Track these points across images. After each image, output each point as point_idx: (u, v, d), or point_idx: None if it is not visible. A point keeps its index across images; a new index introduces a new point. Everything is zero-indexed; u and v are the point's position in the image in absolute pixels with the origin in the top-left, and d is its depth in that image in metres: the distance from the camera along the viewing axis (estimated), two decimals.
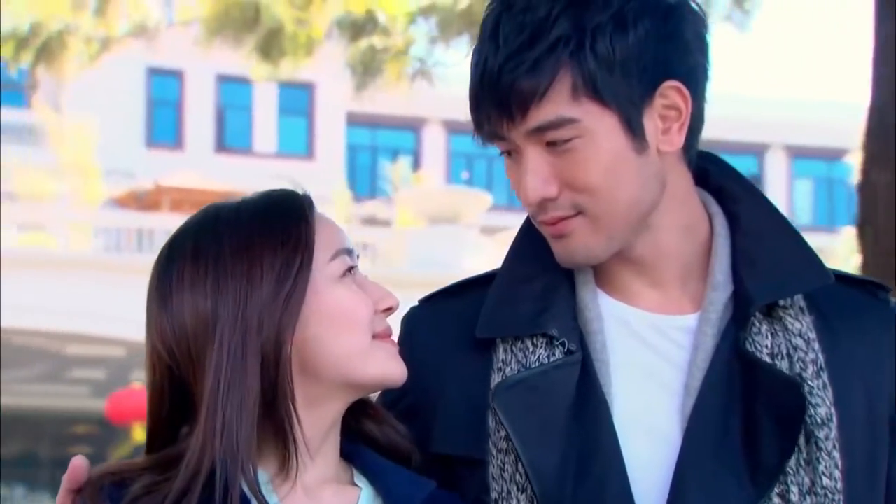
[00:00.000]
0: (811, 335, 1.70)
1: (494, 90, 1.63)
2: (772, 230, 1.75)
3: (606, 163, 1.64)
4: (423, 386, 1.75)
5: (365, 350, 1.66)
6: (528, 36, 1.62)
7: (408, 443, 1.74)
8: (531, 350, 1.70)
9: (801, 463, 1.67)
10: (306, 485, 1.66)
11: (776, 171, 33.40)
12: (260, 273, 1.62)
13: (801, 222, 30.42)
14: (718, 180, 1.79)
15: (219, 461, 1.58)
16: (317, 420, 1.66)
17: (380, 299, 1.69)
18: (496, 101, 1.64)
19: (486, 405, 1.70)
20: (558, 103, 1.62)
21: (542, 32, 1.61)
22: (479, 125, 1.68)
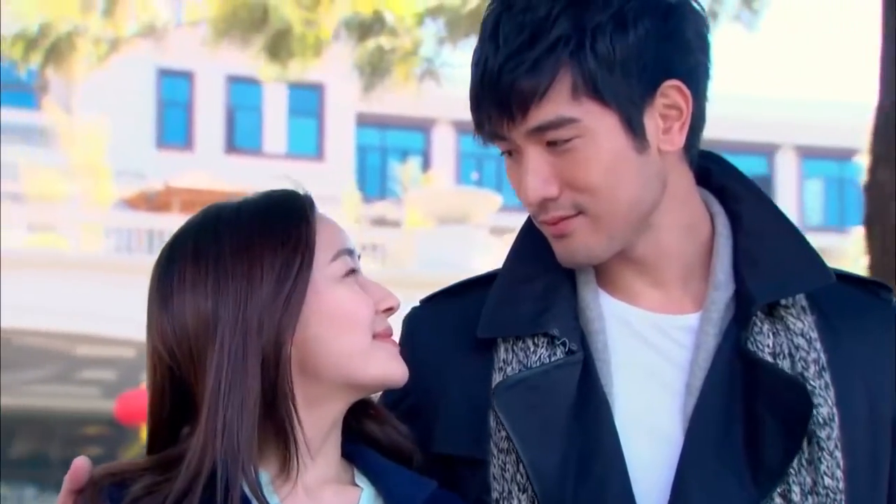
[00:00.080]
0: (813, 335, 1.70)
1: (494, 90, 1.63)
2: (774, 230, 1.75)
3: (607, 162, 1.64)
4: (425, 386, 1.75)
5: (366, 350, 1.66)
6: (528, 36, 1.62)
7: (409, 443, 1.73)
8: (532, 350, 1.70)
9: (803, 463, 1.66)
10: (307, 485, 1.66)
11: (786, 172, 33.32)
12: (260, 273, 1.62)
13: (812, 223, 30.41)
14: (720, 180, 1.79)
15: (220, 462, 1.58)
16: (317, 420, 1.66)
17: (380, 299, 1.69)
18: (496, 101, 1.63)
19: (488, 405, 1.70)
20: (558, 103, 1.62)
21: (542, 32, 1.61)
22: (480, 125, 1.68)
